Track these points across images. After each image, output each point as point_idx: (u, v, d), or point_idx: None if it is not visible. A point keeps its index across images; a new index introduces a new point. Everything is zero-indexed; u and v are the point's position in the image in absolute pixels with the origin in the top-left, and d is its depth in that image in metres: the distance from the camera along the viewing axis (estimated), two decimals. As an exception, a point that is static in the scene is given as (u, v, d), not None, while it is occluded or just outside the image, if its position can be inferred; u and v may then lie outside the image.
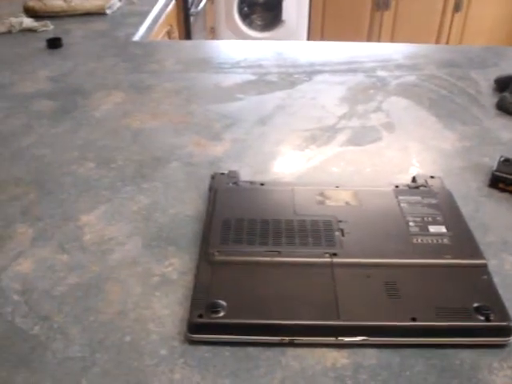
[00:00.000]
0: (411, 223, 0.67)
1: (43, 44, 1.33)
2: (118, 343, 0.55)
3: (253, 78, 1.17)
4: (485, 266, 0.61)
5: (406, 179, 0.80)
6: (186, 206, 0.76)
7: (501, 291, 0.58)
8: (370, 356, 0.54)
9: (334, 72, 1.20)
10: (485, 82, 1.13)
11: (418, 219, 0.67)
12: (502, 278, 0.62)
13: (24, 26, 1.43)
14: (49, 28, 1.44)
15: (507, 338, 0.54)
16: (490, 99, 1.06)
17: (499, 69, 1.18)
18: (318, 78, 1.17)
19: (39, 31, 1.42)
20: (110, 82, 1.15)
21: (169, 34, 1.78)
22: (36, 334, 0.56)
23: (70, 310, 0.59)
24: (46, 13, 1.50)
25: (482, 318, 0.54)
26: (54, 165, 0.85)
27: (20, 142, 0.92)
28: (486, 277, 0.59)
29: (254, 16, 3.12)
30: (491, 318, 0.54)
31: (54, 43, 1.32)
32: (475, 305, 0.55)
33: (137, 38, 1.43)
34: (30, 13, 1.50)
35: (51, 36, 1.35)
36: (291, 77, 1.18)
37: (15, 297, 0.60)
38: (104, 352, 0.54)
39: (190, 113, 1.02)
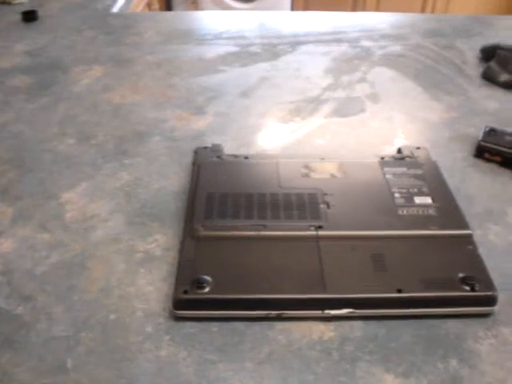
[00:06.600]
0: (397, 194, 0.66)
1: (18, 17, 1.29)
2: (102, 321, 0.54)
3: (236, 49, 1.15)
4: (470, 236, 0.61)
5: (391, 150, 0.80)
6: (169, 181, 0.74)
7: (485, 261, 0.58)
8: (357, 328, 0.54)
9: (318, 42, 1.18)
10: (470, 51, 1.12)
11: (404, 190, 0.67)
12: (487, 248, 0.62)
13: (-3, -2, 1.38)
14: (24, 0, 1.39)
15: (492, 308, 0.55)
16: (475, 69, 1.05)
17: (484, 38, 1.17)
18: (302, 48, 1.15)
19: (14, 3, 1.37)
20: (90, 55, 1.12)
21: (149, 5, 1.73)
22: (19, 314, 0.55)
23: (53, 290, 0.58)
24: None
25: (468, 288, 0.55)
26: (32, 142, 0.83)
27: (-3, 118, 0.90)
28: (471, 247, 0.60)
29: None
30: (476, 288, 0.54)
31: (30, 16, 1.28)
32: (460, 275, 0.56)
33: (116, 9, 1.38)
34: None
35: (26, 9, 1.31)
36: (275, 48, 1.15)
37: (-4, 277, 0.59)
38: (89, 331, 0.54)
39: (171, 86, 1.00)
